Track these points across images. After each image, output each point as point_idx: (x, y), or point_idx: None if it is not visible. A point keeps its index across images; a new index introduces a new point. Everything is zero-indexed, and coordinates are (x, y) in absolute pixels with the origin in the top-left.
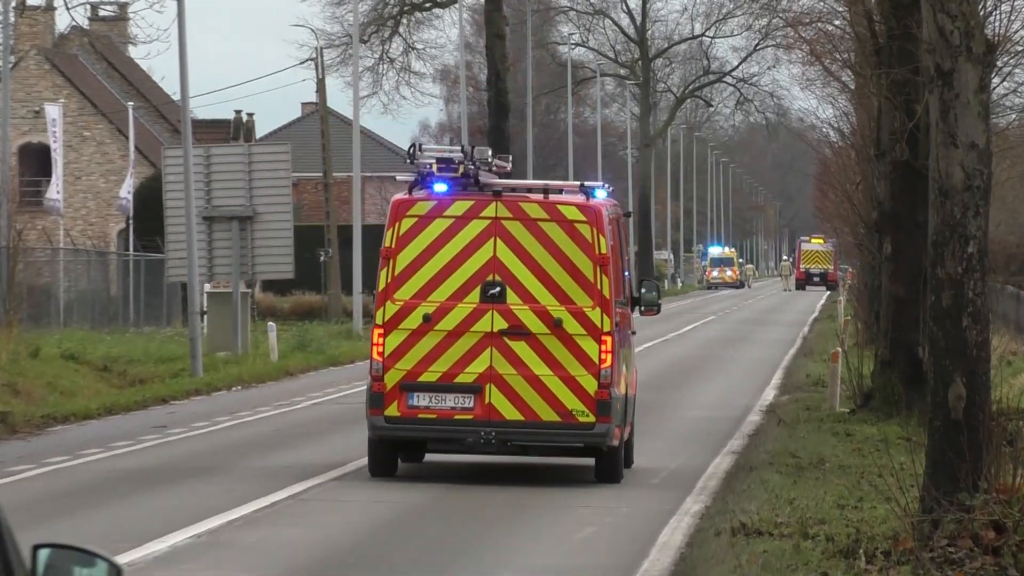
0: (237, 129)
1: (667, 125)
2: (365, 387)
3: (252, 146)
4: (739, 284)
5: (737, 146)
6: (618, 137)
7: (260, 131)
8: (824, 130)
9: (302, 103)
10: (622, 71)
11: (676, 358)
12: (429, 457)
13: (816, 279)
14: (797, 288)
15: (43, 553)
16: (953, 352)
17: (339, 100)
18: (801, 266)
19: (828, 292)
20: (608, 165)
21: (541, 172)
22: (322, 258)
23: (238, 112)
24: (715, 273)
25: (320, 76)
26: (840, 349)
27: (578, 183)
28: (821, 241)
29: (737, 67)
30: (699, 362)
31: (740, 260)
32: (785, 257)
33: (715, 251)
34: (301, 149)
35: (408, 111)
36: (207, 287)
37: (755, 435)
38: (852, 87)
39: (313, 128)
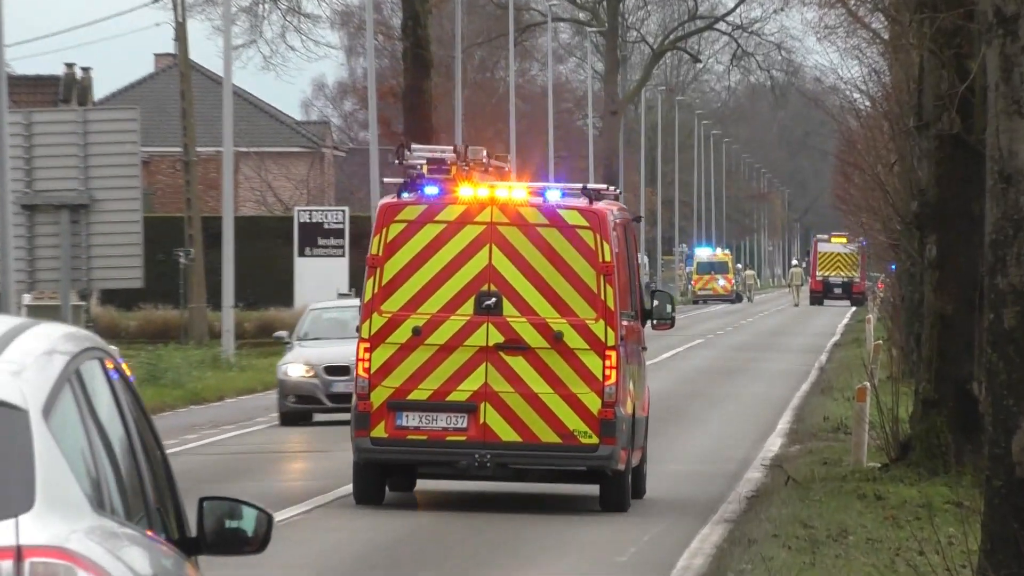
0: (69, 88)
1: (640, 86)
2: (265, 425)
3: (88, 111)
4: (735, 297)
5: (733, 115)
6: (576, 102)
7: (99, 91)
8: (848, 94)
9: (155, 55)
10: (581, 15)
11: (654, 395)
12: (419, 485)
13: (837, 290)
14: (812, 302)
15: (206, 505)
16: (1020, 389)
17: (205, 51)
18: (818, 273)
19: (853, 308)
20: (562, 138)
21: (474, 144)
22: (181, 261)
23: (70, 66)
24: (704, 282)
25: (179, 19)
26: (869, 384)
27: (580, 185)
28: (844, 241)
29: (734, 10)
30: (683, 400)
31: (737, 266)
32: (796, 261)
33: (703, 253)
34: (154, 116)
35: (298, 66)
36: (26, 299)
37: (756, 497)
38: (885, 37)
39: (170, 88)
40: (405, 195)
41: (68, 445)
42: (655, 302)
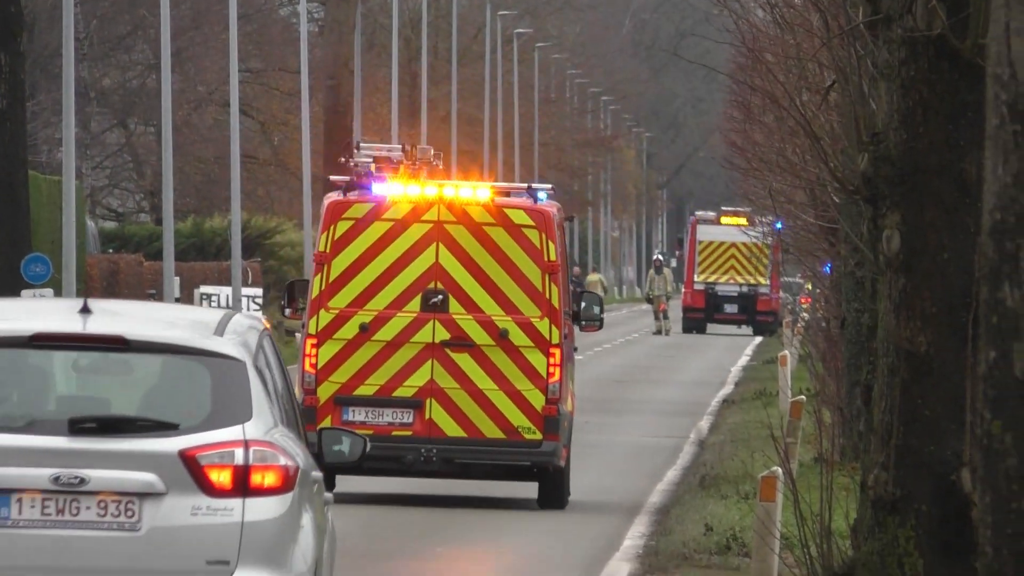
0: None
1: None
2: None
3: None
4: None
5: (555, 3)
6: None
7: None
8: None
9: None
10: None
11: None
12: (363, 483)
13: (731, 307)
14: (687, 328)
15: (325, 432)
16: None
17: None
18: (697, 278)
19: (757, 339)
20: (256, 38)
21: (97, 59)
22: None
23: None
24: None
25: None
26: (781, 471)
27: (525, 184)
28: (742, 222)
29: None
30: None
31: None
32: (659, 257)
33: None
34: None
35: None
36: None
37: None
38: None
39: None
40: (352, 193)
41: (265, 383)
42: (583, 303)
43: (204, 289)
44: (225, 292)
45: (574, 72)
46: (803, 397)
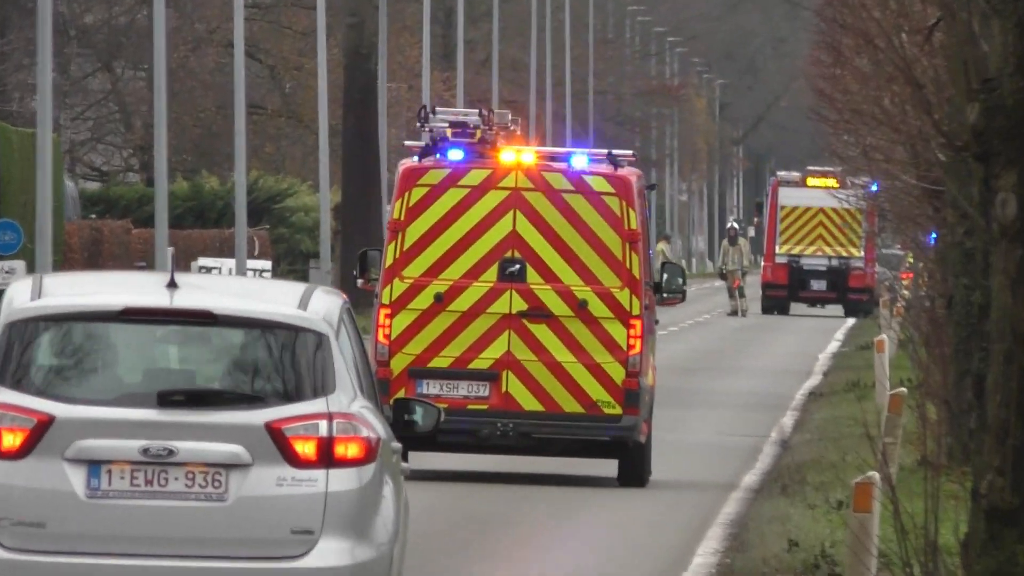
0: None
1: None
2: None
3: None
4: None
5: None
6: None
7: None
8: None
9: None
10: None
11: None
12: (437, 459)
13: (819, 284)
14: (767, 309)
15: (398, 402)
16: None
17: None
18: (779, 250)
19: (850, 321)
20: None
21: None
22: None
23: None
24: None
25: None
26: (879, 475)
27: (605, 151)
28: (832, 184)
29: None
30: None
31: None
32: (734, 225)
33: None
34: None
35: None
36: None
37: None
38: None
39: None
40: (428, 159)
41: (346, 356)
42: (665, 275)
43: (203, 261)
44: (228, 264)
45: (635, 8)
46: (904, 389)
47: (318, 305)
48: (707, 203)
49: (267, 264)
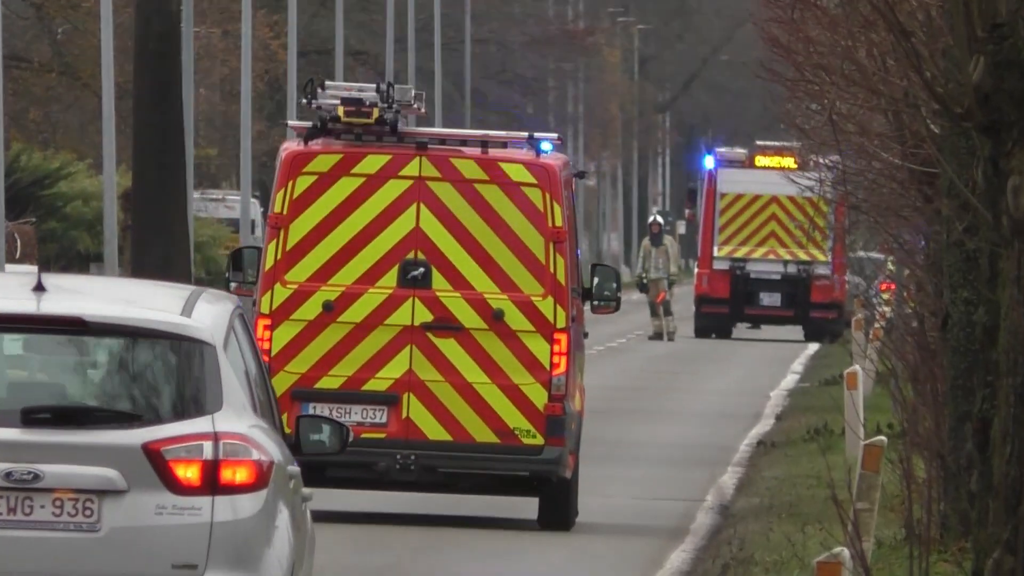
0: None
1: None
2: None
3: None
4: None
5: None
6: None
7: None
8: None
9: None
10: None
11: None
12: (329, 497)
13: (769, 298)
14: (701, 331)
15: (302, 420)
16: None
17: None
18: (717, 250)
19: (812, 346)
20: None
21: None
22: None
23: None
24: None
25: None
26: (849, 555)
27: (525, 134)
28: (788, 164)
29: None
30: None
31: None
32: (657, 215)
33: None
34: None
35: None
36: None
37: None
38: None
39: None
40: (315, 142)
41: (236, 368)
42: (595, 279)
43: None
44: None
45: None
46: (883, 438)
47: (204, 311)
48: (622, 190)
49: (32, 269)
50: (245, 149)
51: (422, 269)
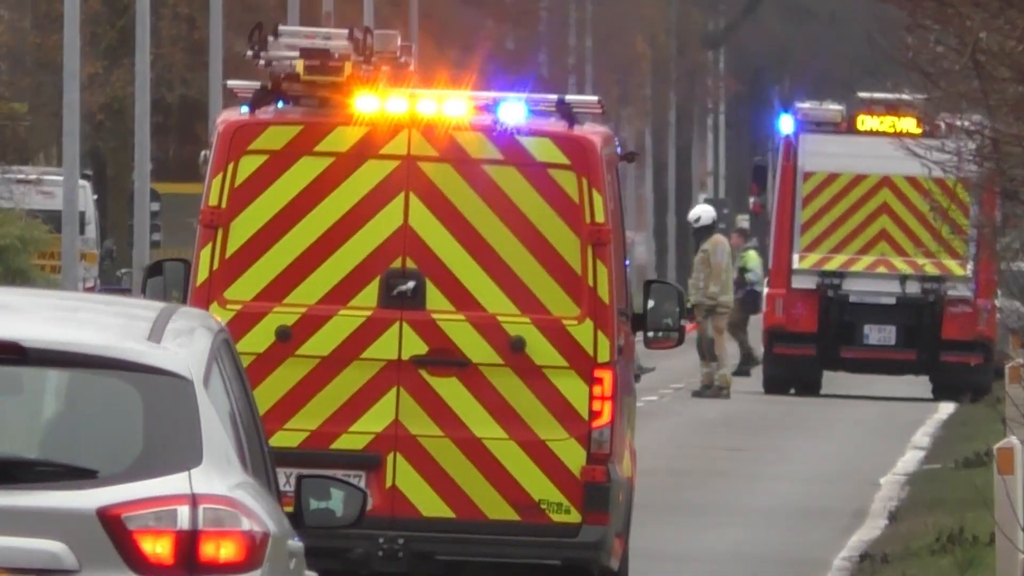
0: None
1: None
2: None
3: None
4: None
5: None
6: None
7: None
8: None
9: None
10: None
11: None
12: None
13: (880, 336)
14: (773, 381)
15: (305, 481)
16: None
17: None
18: (799, 260)
19: (946, 407)
20: None
21: None
22: None
23: None
24: None
25: None
26: None
27: (554, 96)
28: (905, 126)
29: None
30: None
31: None
32: (698, 215)
33: None
34: None
35: None
36: None
37: None
38: None
39: None
40: (265, 111)
41: (221, 411)
42: (649, 300)
43: None
44: None
45: None
46: None
47: (178, 336)
48: (652, 167)
49: None
50: (71, 103)
51: (412, 283)
